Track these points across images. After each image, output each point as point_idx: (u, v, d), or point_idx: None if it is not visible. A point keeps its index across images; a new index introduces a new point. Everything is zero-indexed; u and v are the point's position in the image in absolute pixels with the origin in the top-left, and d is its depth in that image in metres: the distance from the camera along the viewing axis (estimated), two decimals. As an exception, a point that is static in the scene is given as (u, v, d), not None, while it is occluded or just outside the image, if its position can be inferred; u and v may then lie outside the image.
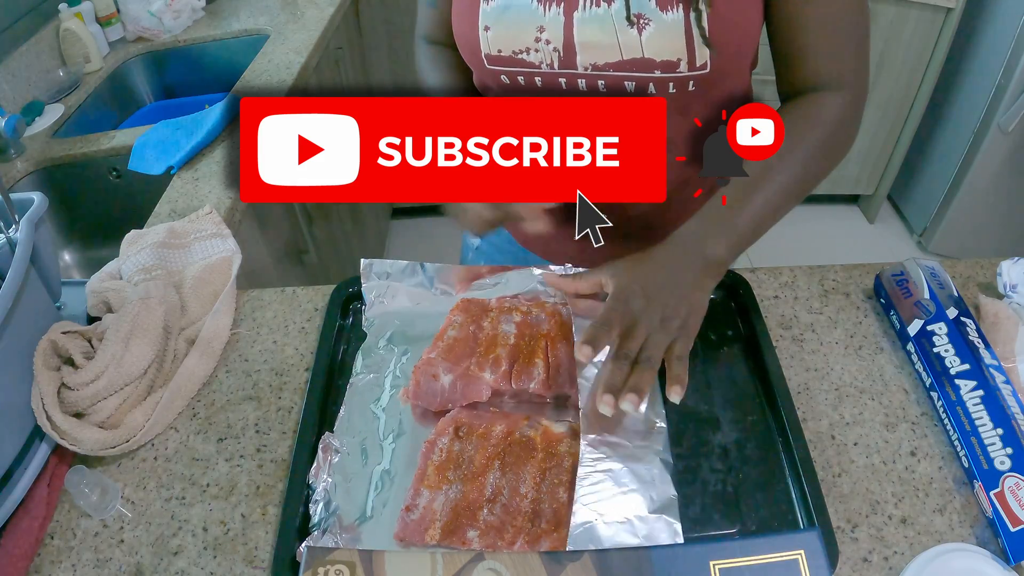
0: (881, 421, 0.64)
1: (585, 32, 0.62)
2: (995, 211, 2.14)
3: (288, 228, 1.36)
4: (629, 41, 0.62)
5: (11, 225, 0.66)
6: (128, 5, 1.61)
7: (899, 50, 2.05)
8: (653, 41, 0.61)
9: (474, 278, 0.73)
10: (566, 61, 0.64)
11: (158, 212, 1.02)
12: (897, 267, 0.73)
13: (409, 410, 0.64)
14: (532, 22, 0.63)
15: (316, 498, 0.57)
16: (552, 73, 0.66)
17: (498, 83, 0.69)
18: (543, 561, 0.48)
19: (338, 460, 0.60)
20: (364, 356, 0.68)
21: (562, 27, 0.63)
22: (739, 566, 0.47)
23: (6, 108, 1.30)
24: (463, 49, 0.69)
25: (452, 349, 0.65)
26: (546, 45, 0.64)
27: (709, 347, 0.70)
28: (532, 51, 0.65)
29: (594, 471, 0.54)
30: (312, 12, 1.70)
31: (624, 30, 0.61)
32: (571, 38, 0.63)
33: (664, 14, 0.60)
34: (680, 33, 0.61)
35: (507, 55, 0.66)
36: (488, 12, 0.65)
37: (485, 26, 0.65)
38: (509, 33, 0.65)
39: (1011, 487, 0.54)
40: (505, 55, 0.66)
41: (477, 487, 0.56)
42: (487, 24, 0.65)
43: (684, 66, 0.63)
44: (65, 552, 0.58)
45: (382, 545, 0.53)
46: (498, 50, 0.66)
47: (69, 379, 0.64)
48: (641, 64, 0.63)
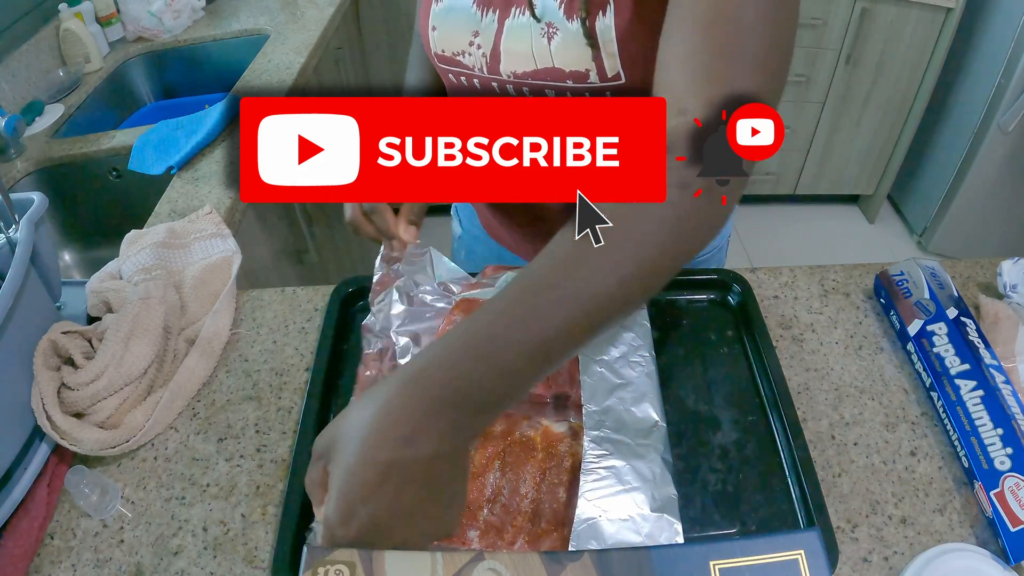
0: (881, 421, 0.64)
1: (509, 39, 0.63)
2: (995, 211, 2.14)
3: (288, 228, 1.36)
4: (541, 50, 0.61)
5: (11, 225, 0.66)
6: (128, 5, 1.61)
7: (899, 50, 2.05)
8: (560, 51, 0.60)
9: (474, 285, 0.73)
10: (492, 67, 0.65)
11: (158, 212, 1.02)
12: (897, 267, 0.73)
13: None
14: (469, 26, 0.65)
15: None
16: (484, 77, 0.66)
17: (448, 81, 0.71)
18: (543, 561, 0.48)
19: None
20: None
21: (494, 33, 0.63)
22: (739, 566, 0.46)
23: (6, 108, 1.30)
24: (424, 47, 0.71)
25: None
26: (476, 50, 0.65)
27: (709, 347, 0.70)
28: (466, 54, 0.66)
29: (598, 467, 0.54)
30: (312, 12, 1.70)
31: (538, 39, 0.61)
32: (498, 45, 0.63)
33: (569, 23, 0.58)
34: (583, 43, 0.58)
35: (448, 55, 0.67)
36: (436, 12, 0.66)
37: (432, 26, 0.67)
38: (449, 35, 0.66)
39: (1011, 487, 0.54)
40: (447, 55, 0.67)
41: (477, 487, 0.56)
42: (434, 24, 0.67)
43: (594, 76, 0.60)
44: (65, 552, 0.58)
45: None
46: (442, 50, 0.67)
47: (69, 379, 0.64)
48: (553, 74, 0.62)
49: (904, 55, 2.06)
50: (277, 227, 1.30)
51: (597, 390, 0.59)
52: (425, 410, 0.40)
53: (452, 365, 0.41)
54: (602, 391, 0.59)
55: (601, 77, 0.60)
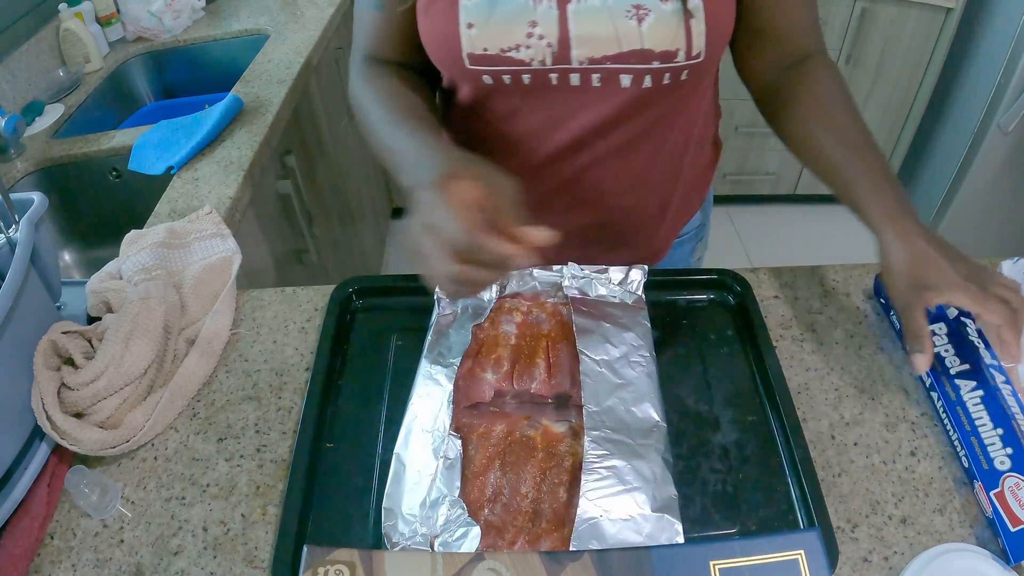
0: (881, 421, 0.64)
1: (583, 25, 0.61)
2: (995, 211, 2.14)
3: (288, 228, 1.36)
4: (628, 32, 0.61)
5: (11, 225, 0.66)
6: (128, 5, 1.61)
7: (899, 50, 2.05)
8: (653, 31, 0.61)
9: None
10: (560, 56, 0.63)
11: (158, 212, 1.02)
12: None
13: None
14: (523, 17, 0.61)
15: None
16: (542, 70, 0.64)
17: (477, 84, 0.67)
18: (543, 561, 0.48)
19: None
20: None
21: (556, 21, 0.61)
22: (739, 566, 0.47)
23: (6, 108, 1.30)
24: (436, 50, 0.66)
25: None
26: (539, 40, 0.62)
27: (709, 347, 0.70)
28: (523, 48, 0.62)
29: (599, 467, 0.54)
30: (312, 12, 1.70)
31: (623, 21, 0.60)
32: (566, 32, 0.61)
33: (663, 4, 0.60)
34: (680, 22, 0.60)
35: (493, 53, 0.63)
36: (472, 9, 0.61)
37: (468, 23, 0.62)
38: (497, 30, 0.62)
39: (1011, 487, 0.54)
40: (491, 53, 0.63)
41: (478, 487, 0.56)
42: (471, 21, 0.62)
43: (682, 55, 0.62)
44: (65, 552, 0.58)
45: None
46: (483, 48, 0.63)
47: (69, 379, 0.64)
48: (641, 55, 0.62)
49: (904, 55, 2.06)
50: (277, 227, 1.30)
51: (598, 390, 0.59)
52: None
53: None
54: (603, 391, 0.59)
55: (687, 55, 0.62)
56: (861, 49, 2.07)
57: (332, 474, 0.61)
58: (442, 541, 0.51)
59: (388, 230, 2.43)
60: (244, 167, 1.10)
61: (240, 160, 1.12)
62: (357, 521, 0.58)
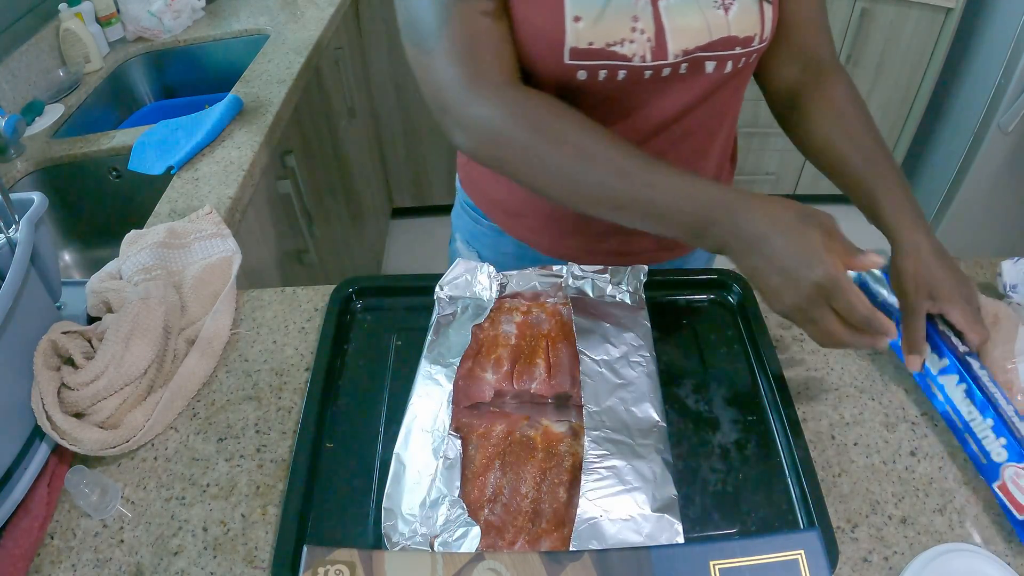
0: (881, 421, 0.64)
1: (675, 18, 0.61)
2: (995, 211, 2.14)
3: (288, 228, 1.36)
4: (717, 21, 0.62)
5: (11, 225, 0.66)
6: (128, 5, 1.61)
7: (899, 50, 2.05)
8: (737, 19, 0.63)
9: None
10: (657, 51, 0.62)
11: (158, 212, 1.02)
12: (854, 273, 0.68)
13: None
14: (628, 11, 0.60)
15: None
16: (639, 67, 0.62)
17: (567, 81, 0.63)
18: (543, 561, 0.48)
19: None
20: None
21: (651, 16, 0.61)
22: (739, 566, 0.46)
23: (6, 108, 1.30)
24: (534, 43, 0.62)
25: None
26: (641, 35, 0.61)
27: (709, 347, 0.70)
28: (627, 42, 0.61)
29: (599, 467, 0.54)
30: (312, 12, 1.70)
31: (711, 10, 0.62)
32: (661, 26, 0.61)
33: None
34: (757, 8, 0.64)
35: (598, 47, 0.60)
36: (579, 1, 0.59)
37: (575, 16, 0.59)
38: (605, 24, 0.60)
39: (1011, 477, 0.54)
40: (596, 48, 0.60)
41: (478, 487, 0.56)
42: (578, 14, 0.59)
43: (757, 40, 0.65)
44: (65, 552, 0.58)
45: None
46: (588, 43, 0.60)
47: (69, 379, 0.64)
48: (726, 43, 0.64)
49: (904, 55, 2.06)
50: (277, 227, 1.30)
51: (598, 390, 0.59)
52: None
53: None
54: (603, 391, 0.59)
55: (760, 39, 0.65)
56: (861, 49, 2.07)
57: (332, 474, 0.61)
58: (442, 541, 0.51)
59: (388, 230, 2.43)
60: (244, 167, 1.10)
61: (240, 160, 1.12)
62: (357, 521, 0.58)
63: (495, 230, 0.86)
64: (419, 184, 2.41)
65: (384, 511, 0.54)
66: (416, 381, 0.62)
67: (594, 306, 0.68)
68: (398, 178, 2.39)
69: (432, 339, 0.66)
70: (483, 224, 0.87)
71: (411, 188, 2.42)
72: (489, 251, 0.89)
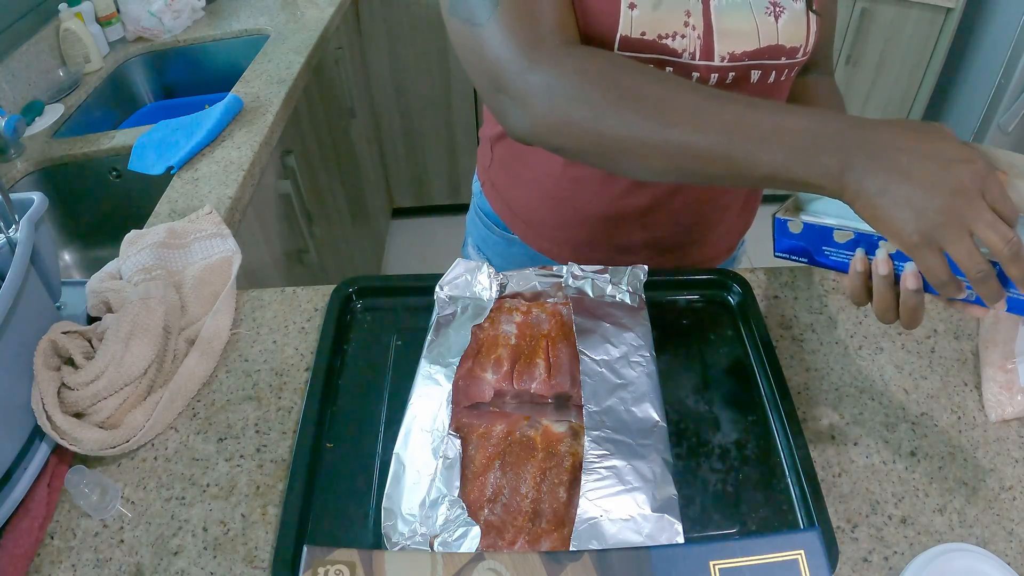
0: (881, 421, 0.64)
1: (724, 19, 0.60)
2: (995, 211, 2.14)
3: (288, 228, 1.36)
4: (767, 28, 0.62)
5: (11, 225, 0.66)
6: (128, 5, 1.61)
7: (899, 50, 2.05)
8: (787, 28, 0.63)
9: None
10: (705, 51, 0.60)
11: (158, 212, 1.02)
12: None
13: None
14: (681, 4, 0.59)
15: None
16: (687, 64, 0.60)
17: None
18: (543, 561, 0.48)
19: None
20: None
21: (702, 13, 0.60)
22: (739, 566, 0.46)
23: (6, 108, 1.30)
24: (585, 27, 0.58)
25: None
26: (691, 31, 0.59)
27: (709, 347, 0.70)
28: (679, 37, 0.59)
29: (599, 467, 0.54)
30: (312, 12, 1.70)
31: (762, 17, 0.62)
32: (710, 25, 0.60)
33: (795, 2, 0.63)
34: (804, 19, 0.64)
35: (651, 39, 0.58)
36: None
37: (631, 3, 0.57)
38: (659, 14, 0.58)
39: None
40: (648, 39, 0.58)
41: (478, 487, 0.56)
42: (634, 1, 0.57)
43: (801, 52, 0.65)
44: (65, 552, 0.58)
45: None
46: (641, 32, 0.58)
47: (69, 379, 0.64)
48: (775, 51, 0.63)
49: (904, 55, 2.06)
50: (277, 227, 1.30)
51: (598, 390, 0.59)
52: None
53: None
54: (603, 391, 0.59)
55: (803, 51, 0.65)
56: (861, 49, 2.07)
57: (332, 474, 0.61)
58: (442, 541, 0.51)
59: (388, 230, 2.43)
60: (244, 167, 1.11)
61: (240, 160, 1.13)
62: (357, 521, 0.58)
63: (507, 238, 0.86)
64: (419, 184, 2.41)
65: (384, 511, 0.54)
66: (416, 381, 0.62)
67: (594, 306, 0.68)
68: (398, 178, 2.39)
69: (432, 339, 0.66)
70: (496, 232, 0.87)
71: (411, 188, 2.42)
72: (500, 258, 0.89)
